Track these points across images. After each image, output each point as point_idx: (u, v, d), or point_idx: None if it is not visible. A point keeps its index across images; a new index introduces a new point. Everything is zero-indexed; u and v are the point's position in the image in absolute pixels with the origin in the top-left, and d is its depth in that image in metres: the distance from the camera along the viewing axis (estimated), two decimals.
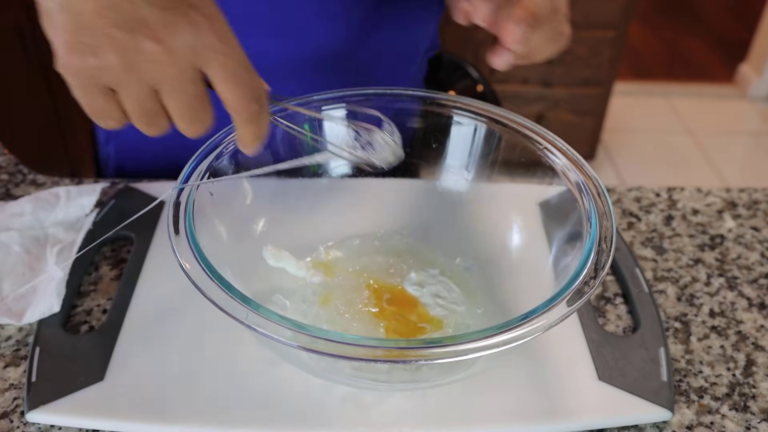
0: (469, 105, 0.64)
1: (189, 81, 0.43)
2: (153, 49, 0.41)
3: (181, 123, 0.45)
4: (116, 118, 0.45)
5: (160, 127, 0.46)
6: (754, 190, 0.83)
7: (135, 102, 0.43)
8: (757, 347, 0.63)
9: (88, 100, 0.44)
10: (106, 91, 0.43)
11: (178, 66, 0.42)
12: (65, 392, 0.54)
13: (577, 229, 0.56)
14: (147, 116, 0.45)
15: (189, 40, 0.42)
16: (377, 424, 0.53)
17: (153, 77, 0.42)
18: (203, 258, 0.48)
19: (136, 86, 0.42)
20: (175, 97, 0.44)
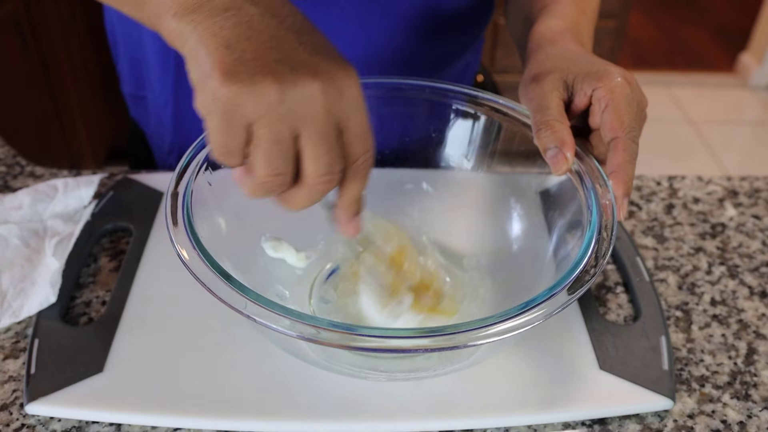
0: (469, 94, 0.63)
1: (334, 129, 0.42)
2: (311, 86, 0.41)
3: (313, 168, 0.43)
4: (241, 157, 0.43)
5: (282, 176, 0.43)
6: (755, 179, 0.83)
7: (274, 139, 0.41)
8: (759, 335, 0.63)
9: (225, 134, 0.41)
10: (246, 127, 0.41)
11: (329, 109, 0.42)
12: (64, 384, 0.54)
13: (577, 218, 0.55)
14: (278, 158, 0.42)
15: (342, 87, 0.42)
16: (378, 414, 0.53)
17: (302, 115, 0.41)
18: (202, 248, 0.48)
19: (282, 122, 0.41)
20: (319, 139, 0.42)
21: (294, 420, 0.53)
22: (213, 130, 0.42)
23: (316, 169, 0.43)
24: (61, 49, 1.84)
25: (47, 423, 0.53)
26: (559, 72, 0.57)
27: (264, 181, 0.43)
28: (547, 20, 0.66)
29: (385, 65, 0.79)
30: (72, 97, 1.92)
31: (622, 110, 0.53)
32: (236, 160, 0.43)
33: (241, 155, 0.43)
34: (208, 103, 0.41)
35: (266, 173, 0.43)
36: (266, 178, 0.43)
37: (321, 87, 0.41)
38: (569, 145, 0.53)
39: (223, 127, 0.41)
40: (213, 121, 0.41)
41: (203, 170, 0.54)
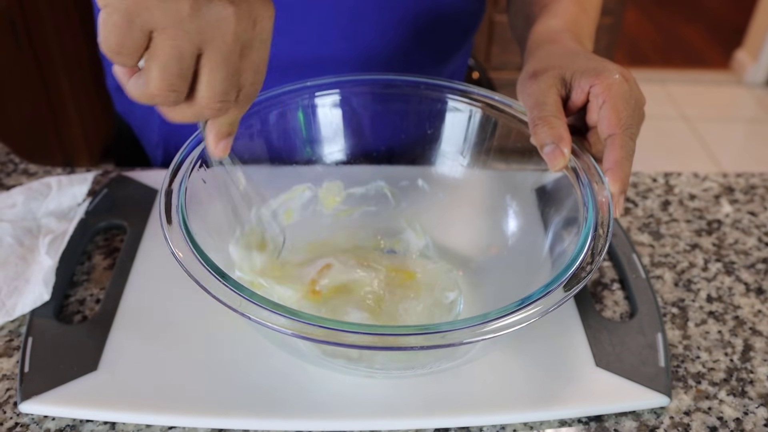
0: (465, 90, 0.63)
1: (237, 54, 0.42)
2: (226, 9, 0.40)
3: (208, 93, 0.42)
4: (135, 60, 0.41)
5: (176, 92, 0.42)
6: (751, 175, 0.83)
7: (175, 54, 0.40)
8: (755, 332, 0.63)
9: (122, 34, 0.39)
10: (147, 32, 0.39)
11: (238, 36, 0.41)
12: (58, 382, 0.54)
13: (573, 214, 0.55)
14: (176, 74, 0.41)
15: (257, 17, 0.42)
16: (373, 411, 0.53)
17: (209, 35, 0.40)
18: (196, 246, 0.47)
19: (187, 39, 0.40)
20: (221, 63, 0.41)
21: (289, 418, 0.53)
22: (111, 26, 0.39)
23: (209, 95, 0.42)
24: (54, 46, 1.83)
25: (41, 422, 0.53)
26: (557, 69, 0.56)
27: (155, 93, 0.41)
28: (546, 19, 0.66)
29: (379, 63, 0.78)
30: (66, 95, 1.91)
31: (619, 107, 0.53)
32: (127, 62, 0.41)
33: (135, 58, 0.41)
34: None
35: (160, 86, 0.41)
36: (158, 91, 0.41)
37: (236, 12, 0.40)
38: (566, 141, 0.53)
39: (122, 26, 0.39)
40: (112, 17, 0.39)
41: (197, 168, 0.54)
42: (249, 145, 0.58)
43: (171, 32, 0.39)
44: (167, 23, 0.39)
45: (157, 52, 0.40)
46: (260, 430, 0.53)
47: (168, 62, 0.40)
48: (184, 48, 0.40)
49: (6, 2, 1.62)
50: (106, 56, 0.41)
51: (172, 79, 0.41)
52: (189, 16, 0.39)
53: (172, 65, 0.40)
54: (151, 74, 0.41)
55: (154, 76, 0.41)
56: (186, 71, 0.41)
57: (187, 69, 0.41)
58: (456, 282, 0.61)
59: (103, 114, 2.10)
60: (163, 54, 0.40)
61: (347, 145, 0.66)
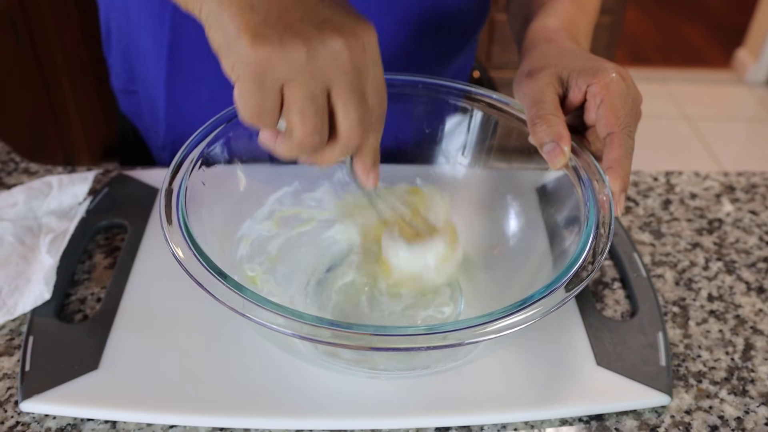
0: (465, 90, 0.63)
1: (358, 79, 0.44)
2: (337, 43, 0.42)
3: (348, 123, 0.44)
4: (276, 119, 0.44)
5: (319, 134, 0.44)
6: (752, 174, 0.83)
7: (308, 97, 0.42)
8: (756, 331, 0.63)
9: (258, 97, 0.42)
10: (278, 89, 0.42)
11: (355, 64, 0.43)
12: (59, 381, 0.54)
13: (574, 214, 0.55)
14: (314, 116, 0.43)
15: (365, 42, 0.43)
16: (375, 411, 0.53)
17: (331, 72, 0.42)
18: (196, 246, 0.47)
19: (314, 80, 0.42)
20: (350, 94, 0.43)
21: (290, 417, 0.53)
22: (245, 94, 0.42)
23: (349, 122, 0.44)
24: (56, 45, 1.83)
25: (42, 420, 0.53)
26: (554, 67, 0.56)
27: (302, 141, 0.44)
28: (543, 18, 0.66)
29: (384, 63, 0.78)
30: (67, 94, 1.91)
31: (617, 106, 0.53)
32: (269, 122, 0.44)
33: (275, 117, 0.43)
34: (238, 67, 0.41)
35: (304, 132, 0.43)
36: (304, 137, 0.44)
37: (346, 43, 0.42)
38: (566, 139, 0.53)
39: (255, 90, 0.42)
40: (245, 85, 0.42)
41: (197, 167, 0.54)
42: (248, 144, 0.57)
43: (298, 80, 0.42)
44: (292, 73, 0.41)
45: (292, 102, 0.42)
46: (261, 428, 0.53)
47: (304, 106, 0.42)
48: (314, 89, 0.42)
49: (7, 2, 1.62)
50: (251, 124, 0.44)
51: (313, 120, 0.43)
52: (308, 60, 0.41)
53: (308, 108, 0.43)
54: (293, 123, 0.43)
55: (296, 124, 0.43)
56: (321, 110, 0.43)
57: (322, 108, 0.43)
58: (455, 296, 0.61)
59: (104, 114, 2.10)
60: (297, 101, 0.42)
61: None
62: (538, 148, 0.55)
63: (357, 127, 0.45)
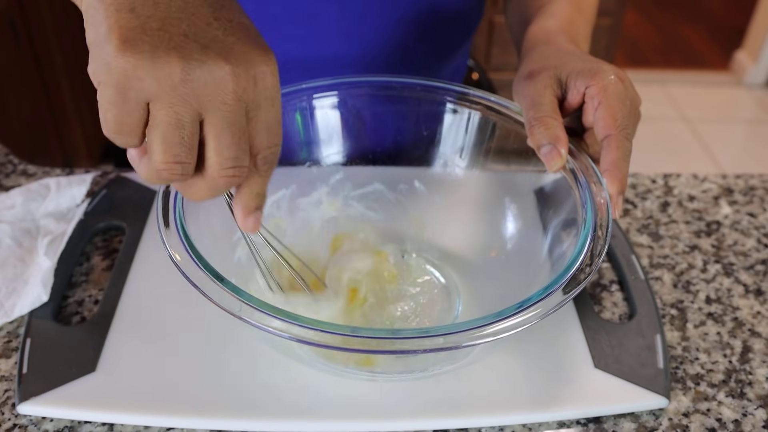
0: (462, 92, 0.63)
1: (242, 115, 0.38)
2: (221, 68, 0.37)
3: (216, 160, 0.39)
4: (139, 138, 0.38)
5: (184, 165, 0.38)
6: (750, 176, 0.83)
7: (174, 122, 0.37)
8: (754, 333, 0.63)
9: (118, 110, 0.37)
10: (143, 104, 0.37)
11: (240, 96, 0.38)
12: (56, 384, 0.54)
13: (572, 216, 0.55)
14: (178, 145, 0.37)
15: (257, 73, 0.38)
16: (372, 414, 0.53)
17: (208, 99, 0.37)
18: (194, 249, 0.47)
19: (184, 104, 0.37)
20: (225, 128, 0.38)
21: (288, 420, 0.53)
22: (105, 103, 0.37)
23: (219, 161, 0.39)
24: (55, 47, 1.83)
25: (39, 423, 0.53)
26: (553, 69, 0.56)
27: (161, 168, 0.38)
28: (542, 20, 0.66)
29: (381, 62, 0.79)
30: (66, 96, 1.91)
31: (615, 108, 0.53)
32: (131, 140, 0.38)
33: (138, 135, 0.38)
34: (100, 71, 0.37)
35: (164, 159, 0.38)
36: (163, 165, 0.38)
37: (232, 71, 0.37)
38: (563, 141, 0.53)
39: (116, 102, 0.37)
40: (106, 93, 0.37)
41: None
42: None
43: (166, 99, 0.37)
44: (160, 90, 0.36)
45: (155, 122, 0.37)
46: (259, 431, 0.53)
47: (167, 131, 0.37)
48: (182, 114, 0.37)
49: (6, 3, 1.62)
50: (111, 139, 0.39)
51: (175, 149, 0.38)
52: (181, 80, 0.36)
53: (172, 134, 0.37)
54: (153, 147, 0.38)
55: (157, 149, 0.38)
56: (188, 139, 0.38)
57: (189, 137, 0.38)
58: (453, 299, 0.61)
59: None
60: (161, 123, 0.37)
61: (344, 147, 0.66)
62: (535, 151, 0.55)
63: (227, 165, 0.39)
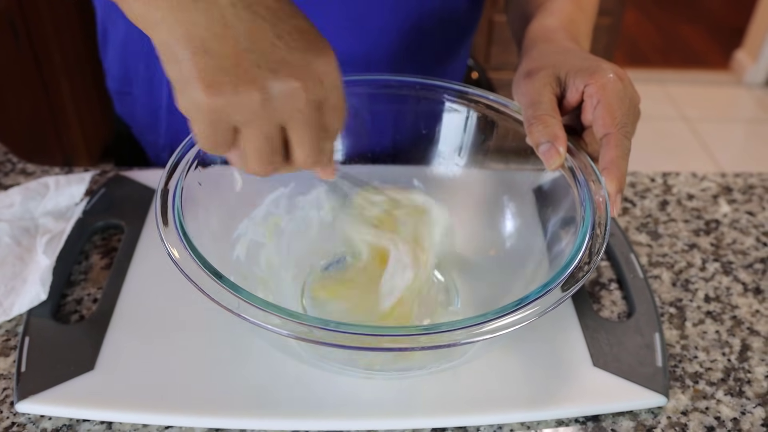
0: (461, 91, 0.63)
1: (315, 112, 0.43)
2: (293, 85, 0.41)
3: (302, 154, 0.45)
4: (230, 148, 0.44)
5: (275, 165, 0.45)
6: (749, 175, 0.83)
7: (262, 138, 0.43)
8: (752, 332, 0.63)
9: (212, 136, 0.43)
10: (233, 128, 0.42)
11: (310, 101, 0.42)
12: (55, 382, 0.54)
13: (571, 214, 0.55)
14: (270, 153, 0.44)
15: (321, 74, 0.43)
16: (371, 412, 0.53)
17: (287, 113, 0.42)
18: (192, 247, 0.47)
19: (269, 123, 0.42)
20: (305, 129, 0.43)
21: (286, 418, 0.53)
22: (198, 132, 0.43)
23: (303, 155, 0.45)
24: (54, 46, 1.83)
25: (38, 421, 0.53)
26: (552, 68, 0.56)
27: (257, 171, 0.45)
28: (542, 18, 0.66)
29: (382, 62, 0.79)
30: (66, 95, 1.91)
31: (614, 106, 0.53)
32: (225, 152, 0.44)
33: (230, 148, 0.44)
34: (192, 110, 0.41)
35: (259, 166, 0.45)
36: (259, 170, 0.45)
37: (302, 84, 0.41)
38: (561, 140, 0.53)
39: (209, 132, 0.42)
40: (199, 126, 0.42)
41: (193, 168, 0.53)
42: None
43: (253, 123, 0.42)
44: (246, 117, 0.41)
45: (247, 141, 0.43)
46: (257, 429, 0.53)
47: (259, 147, 0.43)
48: (269, 131, 0.43)
49: (5, 2, 1.62)
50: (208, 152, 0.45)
51: (268, 158, 0.44)
52: (262, 105, 0.41)
53: (263, 148, 0.43)
54: (248, 159, 0.44)
55: (252, 161, 0.44)
56: (277, 147, 0.44)
57: (277, 145, 0.44)
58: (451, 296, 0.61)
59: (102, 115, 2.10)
60: (252, 142, 0.43)
61: (344, 145, 0.66)
62: (534, 149, 0.55)
63: (311, 155, 0.45)
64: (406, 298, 0.56)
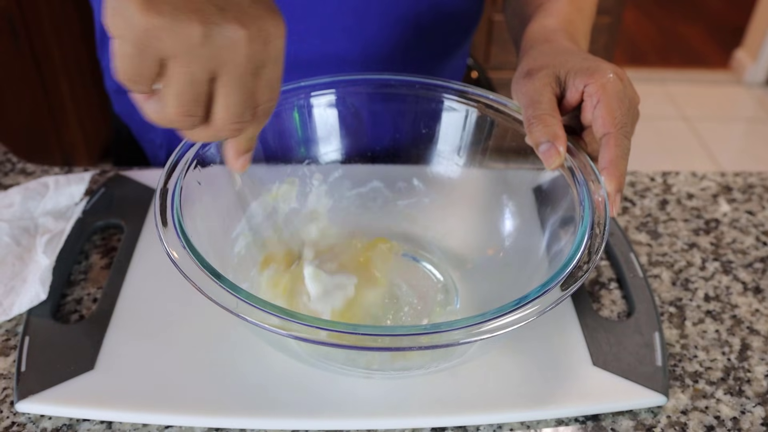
0: (461, 90, 0.63)
1: (250, 75, 0.41)
2: (237, 32, 0.39)
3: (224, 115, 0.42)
4: (149, 87, 0.41)
5: (193, 118, 0.42)
6: (749, 174, 0.83)
7: (188, 81, 0.40)
8: (752, 331, 0.63)
9: (135, 63, 0.39)
10: (160, 60, 0.39)
11: (251, 58, 0.41)
12: (55, 382, 0.54)
13: (570, 213, 0.55)
14: (191, 101, 0.41)
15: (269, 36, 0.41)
16: (370, 411, 0.53)
17: (222, 60, 0.40)
18: (191, 247, 0.47)
19: (200, 64, 0.39)
20: (235, 86, 0.41)
21: (285, 417, 0.52)
22: (122, 56, 0.39)
23: (226, 116, 0.42)
24: (53, 45, 1.83)
25: (38, 421, 0.53)
26: (552, 67, 0.56)
27: (173, 118, 0.42)
28: (541, 19, 0.66)
29: (381, 61, 0.79)
30: (65, 95, 1.91)
31: (613, 106, 0.53)
32: (142, 89, 0.41)
33: (149, 85, 0.41)
34: (120, 27, 0.38)
35: (176, 112, 0.41)
36: (175, 117, 0.42)
37: (247, 35, 0.40)
38: (561, 139, 0.53)
39: (134, 56, 0.39)
40: (124, 47, 0.39)
41: (192, 167, 0.53)
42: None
43: (183, 59, 0.39)
44: (179, 50, 0.39)
45: (170, 79, 0.40)
46: (257, 429, 0.53)
47: (182, 89, 0.40)
48: (198, 74, 0.40)
49: (5, 2, 1.62)
50: (122, 84, 0.41)
51: (188, 105, 0.41)
52: (200, 43, 0.39)
53: (186, 91, 0.40)
54: (166, 101, 0.41)
55: (170, 103, 0.41)
56: (201, 96, 0.41)
57: (201, 94, 0.41)
58: (450, 296, 0.61)
59: (102, 114, 2.10)
60: (176, 81, 0.40)
61: (342, 145, 0.66)
62: (534, 149, 0.55)
63: (233, 121, 0.43)
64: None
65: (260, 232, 0.62)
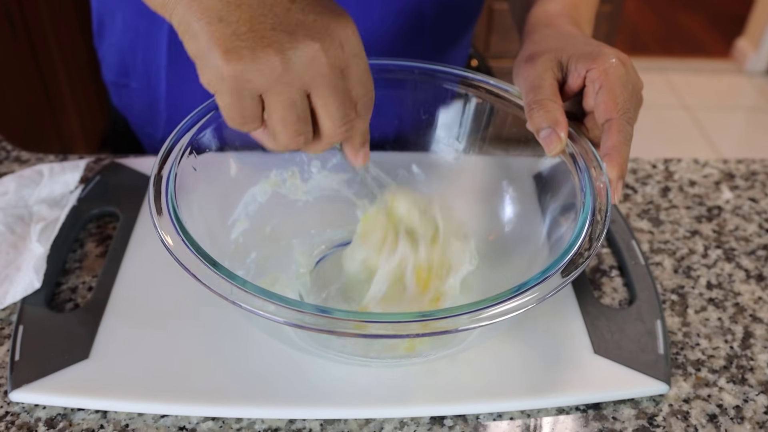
0: (461, 76, 0.62)
1: (340, 78, 0.43)
2: (312, 48, 0.41)
3: (330, 123, 0.45)
4: (260, 122, 0.44)
5: (304, 136, 0.45)
6: (751, 161, 0.82)
7: (288, 105, 0.43)
8: (755, 319, 0.62)
9: (237, 106, 0.43)
10: (257, 97, 0.43)
11: (334, 64, 0.42)
12: (49, 371, 0.53)
13: (571, 200, 0.54)
14: (296, 122, 0.44)
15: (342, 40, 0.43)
16: (369, 400, 0.53)
17: (309, 76, 0.42)
18: (186, 234, 0.46)
19: (291, 88, 0.42)
20: (330, 94, 0.43)
21: (281, 406, 0.52)
22: (225, 107, 0.43)
23: (331, 124, 0.45)
24: (51, 35, 1.82)
25: (32, 410, 0.52)
26: (554, 52, 0.55)
27: (286, 143, 0.45)
28: (544, 3, 0.65)
29: (383, 50, 0.78)
30: (63, 85, 1.90)
31: (616, 91, 0.52)
32: (254, 126, 0.45)
33: (259, 121, 0.44)
34: (215, 82, 0.42)
35: (287, 136, 0.44)
36: (288, 140, 0.45)
37: (321, 46, 0.42)
38: (562, 125, 0.53)
39: (234, 103, 0.42)
40: (224, 99, 0.42)
41: (188, 154, 0.53)
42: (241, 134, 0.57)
43: (275, 89, 0.42)
44: (268, 84, 0.41)
45: (271, 109, 0.43)
46: (254, 417, 0.52)
47: (284, 114, 0.43)
48: (293, 96, 0.42)
49: None
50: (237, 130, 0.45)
51: (295, 126, 0.44)
52: (283, 70, 0.41)
53: (289, 115, 0.43)
54: (275, 129, 0.44)
55: (279, 130, 0.44)
56: (303, 114, 0.44)
57: (303, 112, 0.44)
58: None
59: (100, 104, 2.09)
60: (277, 109, 0.43)
61: None
62: (534, 134, 0.54)
63: (339, 125, 0.45)
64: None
65: (257, 219, 0.61)
